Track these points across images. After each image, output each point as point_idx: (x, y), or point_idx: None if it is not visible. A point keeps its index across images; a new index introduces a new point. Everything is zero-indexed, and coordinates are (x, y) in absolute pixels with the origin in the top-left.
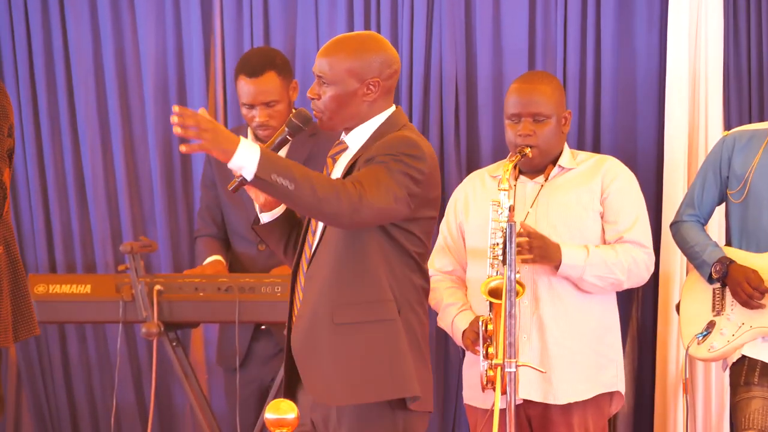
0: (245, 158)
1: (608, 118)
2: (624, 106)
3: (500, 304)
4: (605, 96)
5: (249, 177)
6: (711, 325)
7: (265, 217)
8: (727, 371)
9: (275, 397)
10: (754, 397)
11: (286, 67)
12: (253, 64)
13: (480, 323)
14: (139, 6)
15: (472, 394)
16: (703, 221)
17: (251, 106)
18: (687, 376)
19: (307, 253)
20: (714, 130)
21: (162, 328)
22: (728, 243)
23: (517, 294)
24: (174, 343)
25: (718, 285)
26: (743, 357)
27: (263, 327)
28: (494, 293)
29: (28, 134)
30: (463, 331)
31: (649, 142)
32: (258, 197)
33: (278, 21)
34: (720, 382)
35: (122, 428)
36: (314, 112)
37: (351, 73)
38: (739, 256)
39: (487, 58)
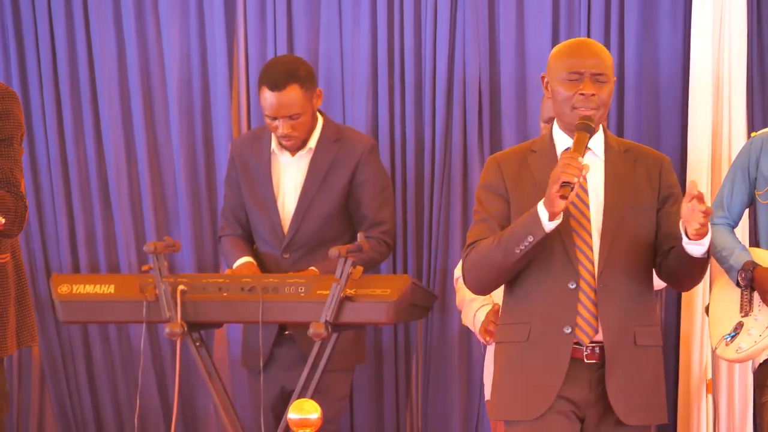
0: None
1: (631, 120)
2: (647, 107)
3: None
4: (628, 97)
5: None
6: (739, 326)
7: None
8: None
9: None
10: None
11: (309, 78)
12: (276, 77)
13: (500, 312)
14: (162, 9)
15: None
16: (733, 224)
17: (274, 118)
18: (711, 376)
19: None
20: (738, 132)
21: (185, 328)
22: (756, 244)
23: None
24: (197, 344)
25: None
26: None
27: (287, 332)
28: None
29: (51, 137)
30: (482, 322)
31: (673, 144)
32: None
33: (301, 24)
34: (744, 383)
35: (146, 428)
36: (589, 111)
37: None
38: (766, 257)
39: (510, 60)
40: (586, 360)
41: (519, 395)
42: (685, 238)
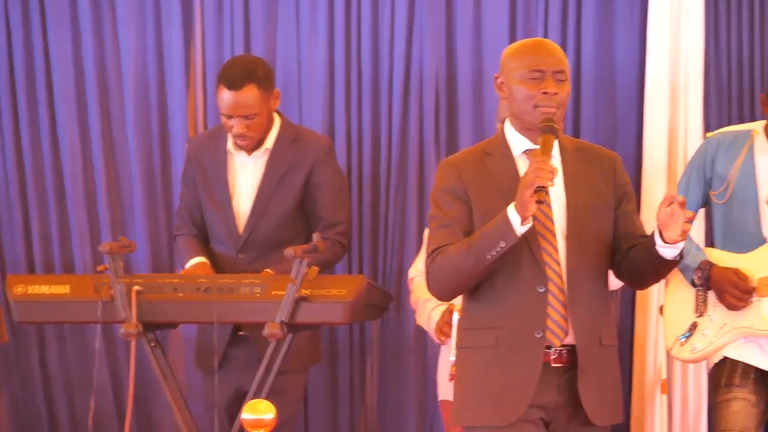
0: None
1: (588, 121)
2: (604, 109)
3: None
4: (585, 99)
5: None
6: (693, 327)
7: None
8: (708, 372)
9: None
10: (735, 399)
11: (267, 79)
12: (234, 76)
13: (455, 311)
14: (119, 10)
15: (446, 390)
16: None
17: (230, 117)
18: (665, 376)
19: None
20: (694, 133)
21: (141, 329)
22: (710, 244)
23: None
24: (153, 344)
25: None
26: (725, 358)
27: (241, 333)
28: None
29: (7, 135)
30: (437, 322)
31: (629, 145)
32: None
33: (258, 24)
34: (698, 383)
35: (101, 429)
36: (551, 109)
37: None
38: (721, 257)
39: (467, 60)
40: (553, 363)
41: (487, 401)
42: (659, 242)
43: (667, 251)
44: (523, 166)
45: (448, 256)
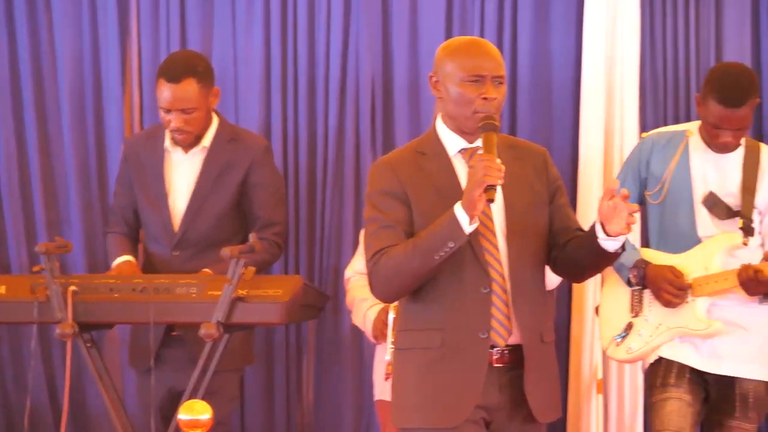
0: None
1: (524, 121)
2: (540, 106)
3: None
4: (521, 97)
5: None
6: (629, 327)
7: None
8: (644, 372)
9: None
10: (670, 398)
11: (207, 75)
12: (174, 69)
13: (390, 310)
14: (55, 7)
15: (381, 389)
16: None
17: (168, 111)
18: (601, 376)
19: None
20: (630, 131)
21: (77, 329)
22: (646, 244)
23: None
24: (88, 344)
25: (636, 287)
26: (660, 358)
27: (174, 333)
28: None
29: None
30: (372, 322)
31: (565, 143)
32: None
33: (195, 24)
34: (633, 383)
35: (36, 429)
36: (490, 112)
37: None
38: (656, 257)
39: (403, 60)
40: (495, 364)
41: (432, 403)
42: (602, 235)
43: (609, 244)
44: (459, 165)
45: (393, 258)
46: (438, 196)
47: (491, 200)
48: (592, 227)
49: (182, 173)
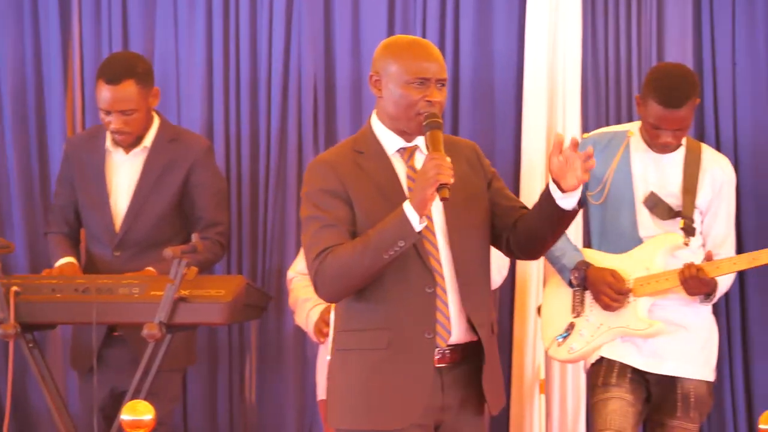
0: None
1: (466, 121)
2: (482, 107)
3: None
4: (464, 98)
5: None
6: (571, 327)
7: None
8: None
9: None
10: (611, 398)
11: (147, 75)
12: (113, 71)
13: (333, 310)
14: None
15: (324, 389)
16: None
17: (108, 112)
18: (543, 376)
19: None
20: (572, 133)
21: (19, 330)
22: (587, 245)
23: None
24: (31, 345)
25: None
26: (602, 358)
27: (116, 333)
28: None
29: None
30: (315, 322)
31: (508, 144)
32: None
33: (137, 24)
34: (576, 383)
35: None
36: (434, 111)
37: None
38: (597, 258)
39: (345, 60)
40: (437, 364)
41: (379, 405)
42: (558, 194)
43: (566, 202)
44: (397, 164)
45: (340, 257)
46: (380, 195)
47: (445, 198)
48: (545, 191)
49: (123, 174)
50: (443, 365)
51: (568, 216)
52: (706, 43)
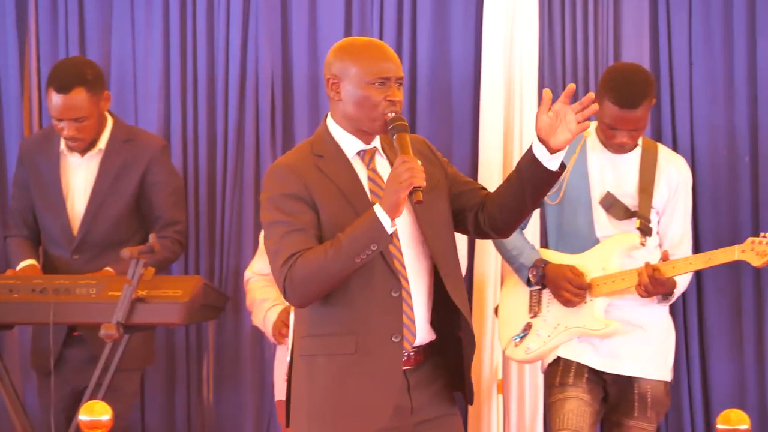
0: None
1: (424, 122)
2: (439, 107)
3: None
4: (421, 98)
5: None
6: (528, 327)
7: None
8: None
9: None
10: (568, 398)
11: (97, 81)
12: (63, 79)
13: (291, 311)
14: None
15: (282, 390)
16: (522, 225)
17: (60, 120)
18: (501, 376)
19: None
20: (529, 134)
21: None
22: (544, 245)
23: None
24: None
25: (536, 287)
26: (559, 358)
27: (76, 333)
28: None
29: None
30: (273, 322)
31: (465, 144)
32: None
33: (93, 24)
34: (534, 383)
35: None
36: (395, 114)
37: None
38: (554, 257)
39: (303, 60)
40: (403, 366)
41: (348, 410)
42: (546, 155)
43: (553, 162)
44: (358, 167)
45: (311, 261)
46: (345, 199)
47: (419, 202)
48: (527, 157)
49: (79, 177)
50: (408, 367)
51: (553, 178)
52: (662, 44)
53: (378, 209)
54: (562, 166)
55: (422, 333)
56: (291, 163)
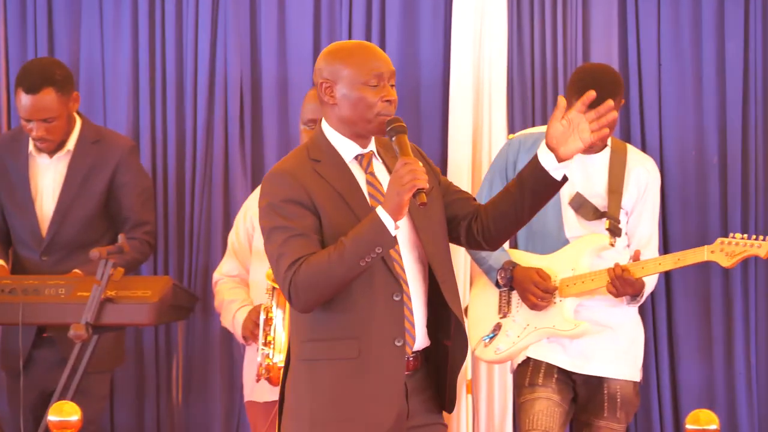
0: None
1: None
2: (408, 108)
3: None
4: None
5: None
6: (497, 327)
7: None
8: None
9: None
10: (538, 398)
11: (66, 82)
12: (32, 80)
13: (261, 311)
14: None
15: (251, 390)
16: None
17: (29, 120)
18: (470, 376)
19: None
20: (498, 134)
21: None
22: (514, 245)
23: None
24: None
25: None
26: (528, 358)
27: (45, 334)
28: None
29: None
30: (243, 323)
31: (434, 145)
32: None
33: (62, 26)
34: (503, 383)
35: None
36: (388, 116)
37: None
38: (524, 258)
39: (272, 61)
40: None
41: (353, 416)
42: (553, 163)
43: (558, 172)
44: (356, 171)
45: (315, 266)
46: (346, 204)
47: (424, 204)
48: (533, 163)
49: (48, 178)
50: (408, 372)
51: (556, 188)
52: (631, 44)
53: (381, 212)
54: (565, 177)
55: (420, 338)
56: (290, 168)
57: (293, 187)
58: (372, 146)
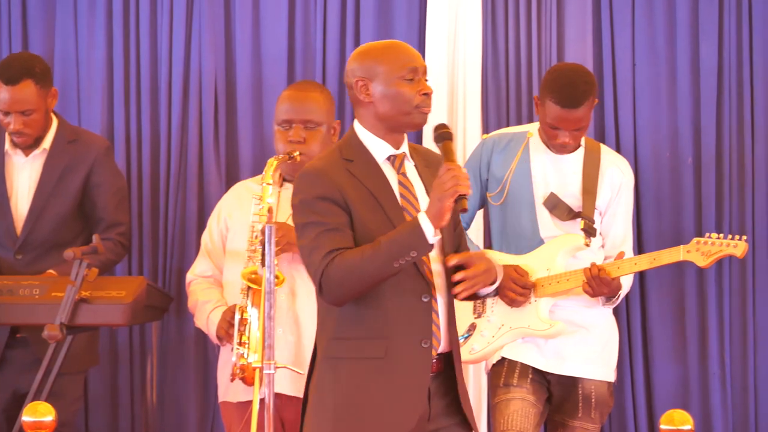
0: None
1: None
2: None
3: (259, 290)
4: None
5: None
6: (472, 327)
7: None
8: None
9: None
10: (513, 399)
11: (45, 76)
12: (11, 72)
13: (236, 311)
14: None
15: (226, 391)
16: (466, 226)
17: (7, 113)
18: None
19: None
20: (472, 133)
21: None
22: (489, 246)
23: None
24: None
25: None
26: (503, 358)
27: (19, 335)
28: (254, 281)
29: None
30: (217, 323)
31: None
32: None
33: (36, 25)
34: (477, 383)
35: None
36: (426, 108)
37: None
38: (499, 258)
39: (246, 63)
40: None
41: (377, 415)
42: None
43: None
44: (388, 172)
45: (349, 260)
46: (378, 204)
47: (464, 210)
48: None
49: (23, 176)
50: (432, 374)
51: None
52: (605, 44)
53: (422, 217)
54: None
55: (445, 340)
56: (323, 167)
57: (326, 185)
58: (404, 147)
